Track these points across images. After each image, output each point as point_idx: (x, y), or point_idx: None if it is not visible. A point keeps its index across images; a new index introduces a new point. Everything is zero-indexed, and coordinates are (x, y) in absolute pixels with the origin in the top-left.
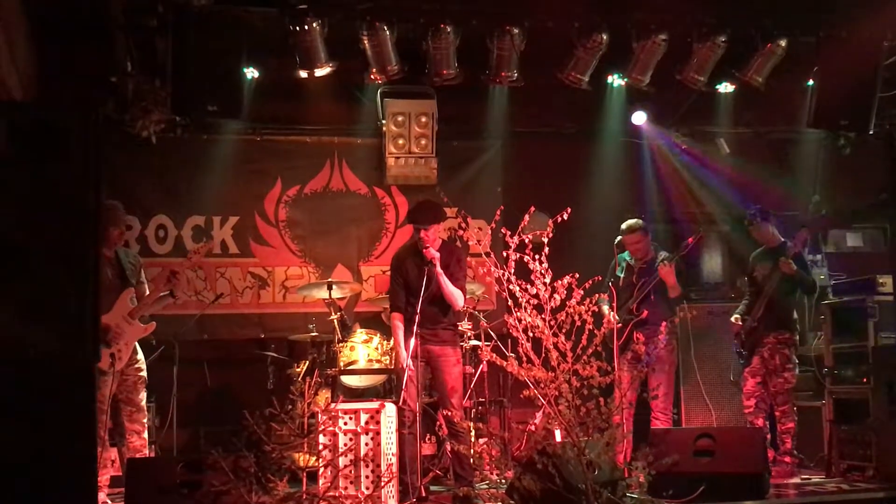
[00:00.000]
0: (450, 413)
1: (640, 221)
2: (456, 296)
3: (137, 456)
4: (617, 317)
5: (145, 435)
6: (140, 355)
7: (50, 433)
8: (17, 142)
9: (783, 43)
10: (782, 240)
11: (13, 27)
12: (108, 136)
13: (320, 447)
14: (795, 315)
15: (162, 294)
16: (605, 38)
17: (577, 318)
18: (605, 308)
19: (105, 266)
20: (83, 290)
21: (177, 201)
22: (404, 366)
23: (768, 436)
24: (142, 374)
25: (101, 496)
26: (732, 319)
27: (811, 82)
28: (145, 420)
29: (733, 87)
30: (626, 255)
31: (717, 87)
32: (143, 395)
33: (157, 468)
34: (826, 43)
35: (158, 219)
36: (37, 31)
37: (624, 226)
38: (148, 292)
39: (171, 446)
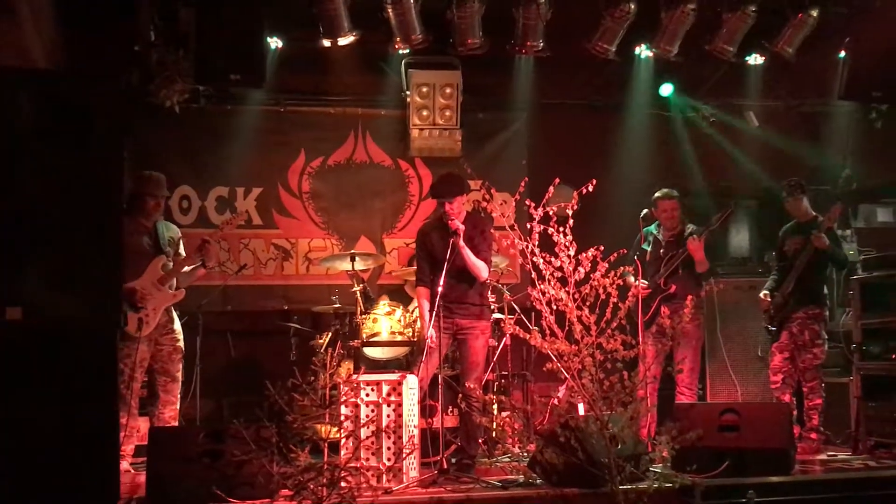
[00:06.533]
0: (469, 387)
1: (675, 190)
2: (480, 267)
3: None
4: (645, 281)
5: (177, 406)
6: (177, 325)
7: (72, 398)
8: (42, 113)
9: (815, 13)
10: (814, 214)
11: None
12: (132, 106)
13: (342, 418)
14: (826, 290)
15: (193, 265)
16: (632, 7)
17: (601, 291)
18: (631, 279)
19: (141, 234)
20: (106, 259)
21: (200, 172)
22: (426, 337)
23: (795, 411)
24: (178, 343)
25: (124, 464)
26: (761, 296)
27: (843, 54)
28: (179, 392)
29: (763, 58)
30: (652, 228)
31: (747, 58)
32: (180, 366)
33: (180, 437)
34: (859, 14)
35: (182, 189)
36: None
37: (660, 193)
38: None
39: (195, 416)
